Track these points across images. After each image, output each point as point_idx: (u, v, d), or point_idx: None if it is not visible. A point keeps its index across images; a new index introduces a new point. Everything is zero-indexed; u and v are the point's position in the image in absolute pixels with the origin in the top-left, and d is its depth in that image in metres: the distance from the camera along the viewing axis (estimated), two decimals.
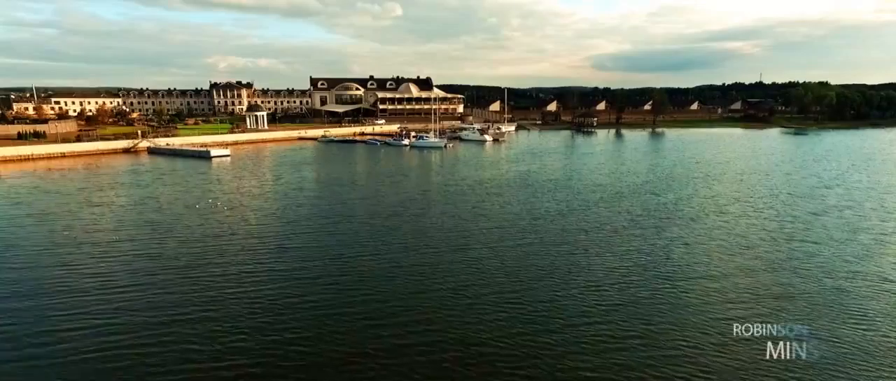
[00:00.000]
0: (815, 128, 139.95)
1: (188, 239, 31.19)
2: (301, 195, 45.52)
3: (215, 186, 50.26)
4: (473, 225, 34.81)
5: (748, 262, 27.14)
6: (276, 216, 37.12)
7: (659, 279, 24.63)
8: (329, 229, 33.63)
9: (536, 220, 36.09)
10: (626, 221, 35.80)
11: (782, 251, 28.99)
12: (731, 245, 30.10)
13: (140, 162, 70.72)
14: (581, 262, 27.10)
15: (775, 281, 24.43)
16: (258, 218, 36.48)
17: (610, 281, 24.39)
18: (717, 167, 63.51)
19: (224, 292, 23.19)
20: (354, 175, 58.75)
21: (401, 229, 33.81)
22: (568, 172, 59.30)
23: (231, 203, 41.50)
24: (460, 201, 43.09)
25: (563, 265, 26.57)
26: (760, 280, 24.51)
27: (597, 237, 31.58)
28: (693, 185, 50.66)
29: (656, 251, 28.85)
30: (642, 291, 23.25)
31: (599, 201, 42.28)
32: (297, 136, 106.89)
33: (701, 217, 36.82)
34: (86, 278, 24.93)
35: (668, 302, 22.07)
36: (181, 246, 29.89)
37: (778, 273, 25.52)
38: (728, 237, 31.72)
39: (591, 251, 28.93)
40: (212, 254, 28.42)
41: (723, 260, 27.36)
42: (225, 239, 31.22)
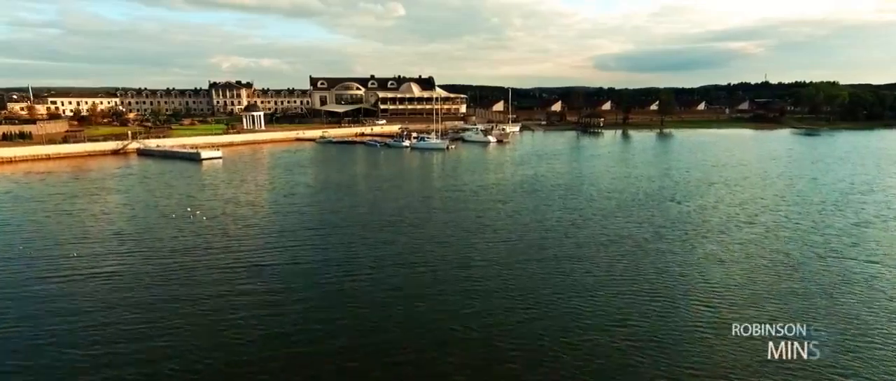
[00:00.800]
0: (826, 128, 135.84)
1: (153, 256, 27.64)
2: (290, 203, 41.97)
3: (200, 192, 46.79)
4: (477, 238, 31.22)
5: (806, 287, 23.53)
6: (258, 228, 33.56)
7: (700, 307, 21.03)
8: (315, 243, 30.06)
9: (547, 232, 32.46)
10: (648, 232, 32.13)
11: (842, 274, 25.32)
12: (775, 263, 26.42)
13: (127, 165, 67.35)
14: (604, 284, 23.50)
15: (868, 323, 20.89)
16: (238, 230, 32.94)
17: (640, 314, 20.78)
18: (735, 171, 59.72)
19: (184, 321, 19.68)
20: (350, 179, 55.23)
21: (396, 243, 30.23)
22: (578, 177, 55.63)
23: (212, 212, 37.98)
24: (463, 209, 39.50)
25: (581, 286, 22.98)
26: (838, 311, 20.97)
27: (618, 252, 27.94)
28: (715, 191, 46.90)
29: (690, 272, 25.20)
30: (683, 326, 19.67)
31: (616, 210, 38.61)
32: (295, 137, 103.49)
33: (732, 229, 33.08)
34: (31, 301, 21.55)
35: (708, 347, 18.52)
36: (145, 263, 26.37)
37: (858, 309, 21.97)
38: (769, 254, 28.04)
39: (614, 271, 25.29)
40: (176, 274, 24.89)
41: (770, 282, 23.74)
42: (195, 255, 27.69)
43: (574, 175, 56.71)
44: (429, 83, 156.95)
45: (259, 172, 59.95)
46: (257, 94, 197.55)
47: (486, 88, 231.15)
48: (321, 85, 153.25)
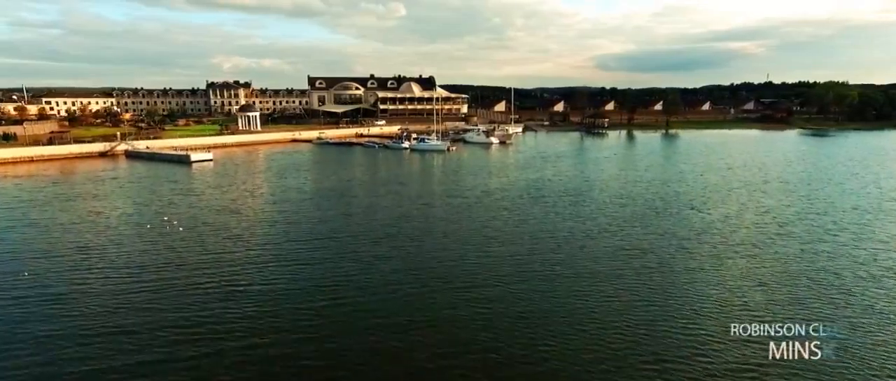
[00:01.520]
0: (835, 129, 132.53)
1: (113, 275, 24.40)
2: (277, 211, 38.73)
3: (183, 198, 43.58)
4: (482, 253, 27.98)
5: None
6: (237, 241, 30.30)
7: (749, 349, 17.82)
8: (300, 260, 26.81)
9: (559, 245, 29.20)
10: (672, 246, 28.87)
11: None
12: (832, 283, 23.18)
13: (114, 167, 64.17)
14: (630, 308, 20.28)
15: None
16: (215, 243, 29.67)
17: (680, 355, 17.56)
18: (752, 174, 56.40)
19: (131, 357, 16.49)
20: (345, 184, 51.99)
21: (392, 259, 26.98)
22: (587, 181, 52.33)
23: (191, 221, 34.75)
24: (465, 218, 36.25)
25: (608, 310, 19.77)
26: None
27: (642, 269, 24.69)
28: (737, 197, 43.58)
29: (730, 298, 21.95)
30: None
31: (633, 220, 35.30)
32: (291, 138, 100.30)
33: (766, 243, 29.75)
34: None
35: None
36: (102, 284, 23.16)
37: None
38: (821, 275, 24.78)
39: (640, 293, 22.04)
40: (136, 297, 21.70)
41: (818, 297, 20.54)
42: (161, 274, 24.46)
43: (582, 179, 53.43)
44: (429, 83, 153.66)
45: (250, 176, 56.75)
46: (256, 94, 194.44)
47: (487, 88, 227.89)
48: (319, 85, 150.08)
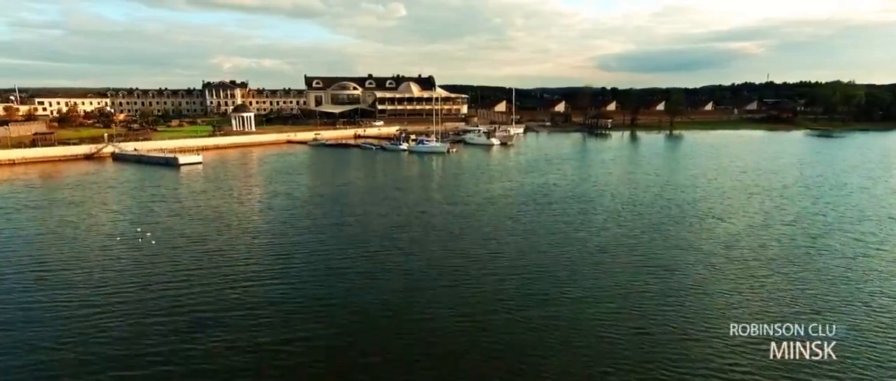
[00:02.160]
0: (840, 129, 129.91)
1: (69, 298, 21.44)
2: (263, 221, 35.76)
3: (164, 205, 40.63)
4: (486, 271, 25.06)
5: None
6: (215, 256, 27.31)
7: None
8: (283, 279, 23.86)
9: (574, 265, 26.22)
10: (701, 264, 25.91)
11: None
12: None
13: (99, 171, 61.18)
14: (658, 346, 17.40)
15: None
16: (188, 260, 26.68)
17: None
18: (769, 178, 53.46)
19: None
20: (339, 189, 49.04)
21: (385, 276, 24.07)
22: (596, 186, 49.39)
23: (168, 232, 31.78)
24: (467, 228, 33.32)
25: (635, 343, 16.89)
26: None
27: (671, 292, 21.79)
28: (758, 204, 40.64)
29: (772, 320, 19.07)
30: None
31: (651, 231, 32.33)
32: (287, 139, 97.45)
33: (803, 258, 26.84)
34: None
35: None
36: (52, 308, 20.19)
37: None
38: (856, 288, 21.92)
39: (674, 324, 19.14)
40: (93, 322, 18.80)
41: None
42: (122, 296, 21.53)
43: (590, 184, 50.48)
44: (429, 83, 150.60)
45: (239, 180, 53.77)
46: (252, 94, 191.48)
47: (488, 88, 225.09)
48: (317, 85, 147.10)
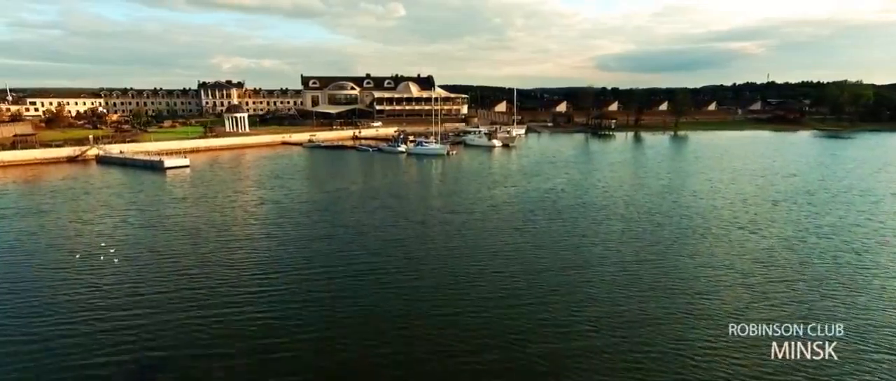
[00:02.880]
0: (848, 130, 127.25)
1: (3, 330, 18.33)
2: (244, 234, 32.44)
3: (140, 214, 37.41)
4: (491, 293, 21.89)
5: None
6: (183, 277, 24.04)
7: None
8: (253, 307, 20.62)
9: (591, 286, 23.08)
10: (742, 288, 22.76)
11: None
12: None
13: (80, 175, 58.01)
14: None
15: None
16: (153, 280, 23.45)
17: None
18: (791, 183, 50.28)
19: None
20: (332, 196, 45.84)
21: (374, 303, 20.87)
22: (606, 192, 46.20)
23: (137, 247, 28.56)
24: (469, 242, 30.14)
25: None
26: None
27: (716, 325, 18.66)
28: (789, 213, 37.33)
29: None
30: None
31: (676, 246, 29.12)
32: (281, 140, 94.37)
33: (862, 282, 23.75)
34: None
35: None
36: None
37: None
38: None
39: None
40: (21, 360, 15.61)
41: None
42: (71, 328, 18.34)
43: (600, 190, 47.28)
44: (428, 83, 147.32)
45: (226, 185, 50.53)
46: (249, 94, 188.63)
47: (488, 88, 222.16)
48: (313, 84, 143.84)
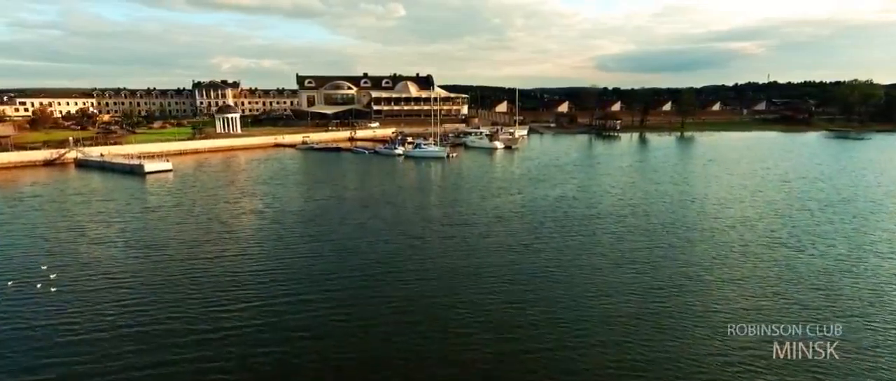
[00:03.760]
0: (859, 130, 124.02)
1: None
2: (216, 251, 28.45)
3: (103, 229, 33.45)
4: (500, 331, 18.02)
5: None
6: (129, 310, 20.04)
7: None
8: (207, 354, 16.77)
9: (615, 319, 19.17)
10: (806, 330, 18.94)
11: None
12: None
13: (53, 180, 54.12)
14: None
15: None
16: (91, 316, 19.48)
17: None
18: (822, 191, 46.49)
19: None
20: (320, 205, 41.92)
21: (359, 345, 16.98)
22: (621, 199, 42.27)
23: (84, 269, 24.57)
24: (474, 264, 26.20)
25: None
26: None
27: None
28: (832, 226, 33.54)
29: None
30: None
31: (716, 268, 25.27)
32: (274, 142, 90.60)
33: None
34: None
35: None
36: None
37: None
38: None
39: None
40: None
41: None
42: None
43: (615, 197, 43.36)
44: (427, 82, 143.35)
45: (208, 193, 46.57)
46: (245, 94, 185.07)
47: (488, 88, 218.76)
48: (309, 84, 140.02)
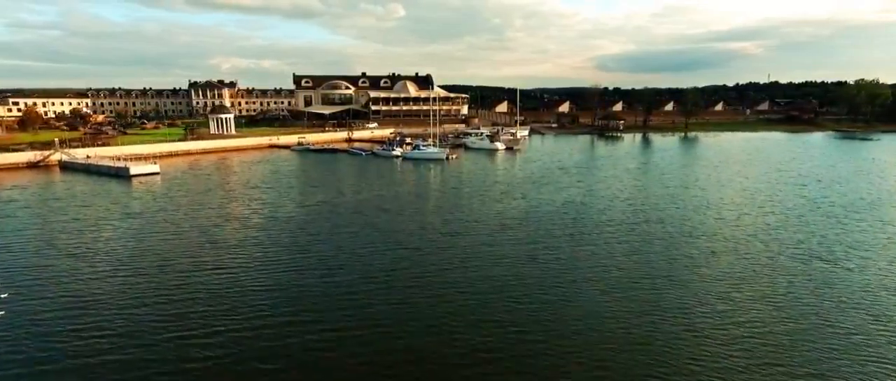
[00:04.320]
0: (866, 131, 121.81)
1: None
2: (191, 264, 25.83)
3: (72, 239, 30.85)
4: (504, 358, 15.50)
5: None
6: (83, 337, 17.51)
7: None
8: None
9: (650, 351, 16.69)
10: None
11: None
12: None
13: (34, 183, 51.57)
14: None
15: None
16: (39, 347, 17.00)
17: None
18: (841, 190, 44.08)
19: None
20: (310, 211, 39.36)
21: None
22: (634, 207, 39.66)
23: (43, 290, 22.01)
24: (475, 279, 23.65)
25: None
26: None
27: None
28: (876, 237, 31.04)
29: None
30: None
31: (752, 282, 22.75)
32: (269, 143, 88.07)
33: None
34: None
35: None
36: None
37: None
38: None
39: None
40: None
41: None
42: None
43: (625, 202, 40.81)
44: (426, 82, 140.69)
45: (194, 198, 44.01)
46: (241, 94, 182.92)
47: (487, 88, 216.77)
48: (306, 84, 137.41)
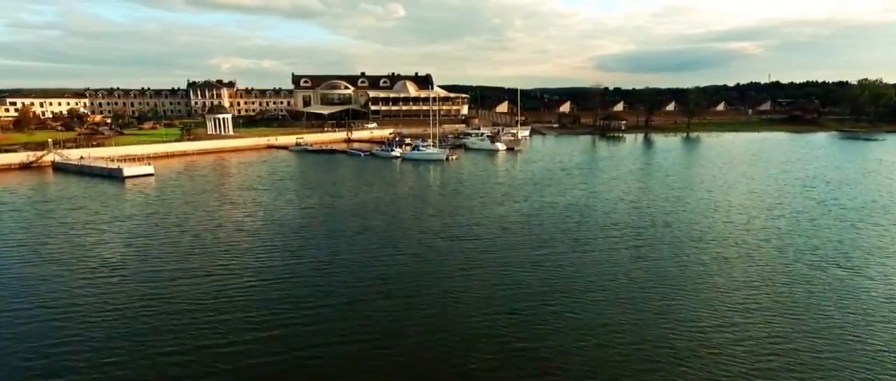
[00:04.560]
0: (869, 131, 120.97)
1: None
2: (179, 271, 24.64)
3: (61, 244, 29.75)
4: (506, 369, 14.38)
5: None
6: (50, 356, 16.45)
7: None
8: None
9: (664, 369, 15.54)
10: None
11: None
12: None
13: (25, 185, 50.48)
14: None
15: None
16: (31, 353, 15.93)
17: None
18: (855, 196, 42.93)
19: None
20: (305, 215, 38.16)
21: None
22: (639, 210, 38.45)
23: (17, 298, 20.96)
24: (475, 287, 22.49)
25: None
26: None
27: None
28: (894, 242, 29.95)
29: None
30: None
31: (768, 290, 21.58)
32: (267, 143, 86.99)
33: None
34: None
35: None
36: None
37: None
38: None
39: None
40: None
41: None
42: None
43: (631, 207, 39.51)
44: (426, 82, 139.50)
45: (187, 200, 42.84)
46: (240, 94, 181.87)
47: (487, 88, 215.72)
48: (304, 84, 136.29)
